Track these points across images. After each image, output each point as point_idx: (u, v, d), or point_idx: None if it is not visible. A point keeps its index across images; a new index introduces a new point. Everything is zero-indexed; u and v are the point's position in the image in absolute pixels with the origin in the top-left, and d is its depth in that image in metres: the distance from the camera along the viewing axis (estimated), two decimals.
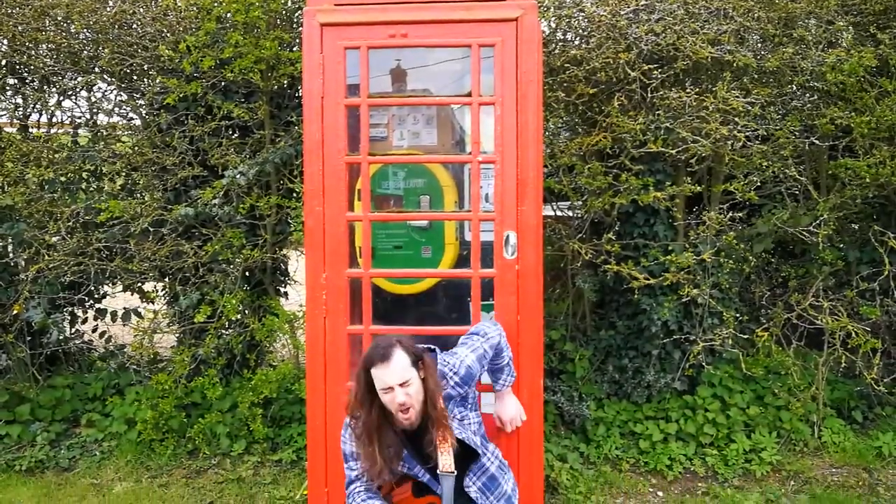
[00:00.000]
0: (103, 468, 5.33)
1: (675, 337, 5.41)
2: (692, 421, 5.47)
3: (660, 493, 5.06)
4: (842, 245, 5.76)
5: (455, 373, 3.34)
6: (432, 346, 3.41)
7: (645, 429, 5.49)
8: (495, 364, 3.56)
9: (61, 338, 5.76)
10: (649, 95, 5.01)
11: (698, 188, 5.29)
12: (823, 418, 5.58)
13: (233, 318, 5.50)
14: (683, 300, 5.25)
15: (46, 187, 5.69)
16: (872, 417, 5.80)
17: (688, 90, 5.03)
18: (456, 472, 3.20)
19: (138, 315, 6.08)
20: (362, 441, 3.23)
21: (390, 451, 3.23)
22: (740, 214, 5.35)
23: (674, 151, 4.93)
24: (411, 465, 3.32)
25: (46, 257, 5.34)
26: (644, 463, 5.34)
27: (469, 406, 3.46)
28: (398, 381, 3.10)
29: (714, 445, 5.43)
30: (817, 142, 5.24)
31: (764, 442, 5.38)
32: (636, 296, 5.22)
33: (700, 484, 5.16)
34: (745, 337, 5.43)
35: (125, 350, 6.26)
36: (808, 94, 5.56)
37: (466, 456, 3.34)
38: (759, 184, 5.30)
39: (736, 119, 4.89)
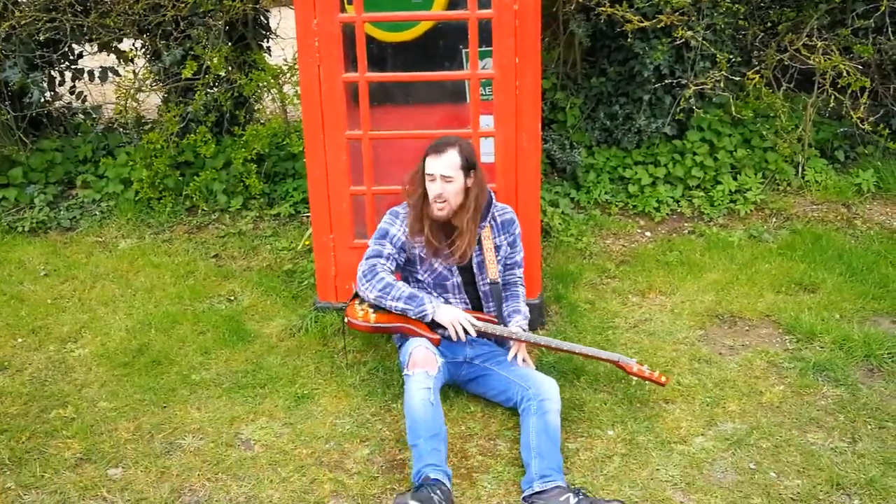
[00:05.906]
0: (105, 227, 5.42)
1: (666, 81, 5.39)
2: (680, 165, 5.58)
3: (647, 234, 5.26)
4: None
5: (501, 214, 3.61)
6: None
7: (634, 174, 5.61)
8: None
9: (42, 100, 5.63)
10: None
11: None
12: (808, 158, 5.71)
13: (220, 74, 5.37)
14: (676, 43, 5.17)
15: None
16: (854, 157, 5.95)
17: None
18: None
19: (115, 73, 5.93)
20: (415, 223, 3.45)
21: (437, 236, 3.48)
22: None
23: None
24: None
25: (17, 14, 5.10)
26: (632, 206, 5.51)
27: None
28: (441, 173, 3.33)
29: (701, 188, 5.58)
30: None
31: (749, 182, 5.53)
32: (629, 40, 5.13)
33: (686, 224, 5.35)
34: (736, 80, 5.41)
35: (108, 111, 6.18)
36: None
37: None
38: None
39: None
